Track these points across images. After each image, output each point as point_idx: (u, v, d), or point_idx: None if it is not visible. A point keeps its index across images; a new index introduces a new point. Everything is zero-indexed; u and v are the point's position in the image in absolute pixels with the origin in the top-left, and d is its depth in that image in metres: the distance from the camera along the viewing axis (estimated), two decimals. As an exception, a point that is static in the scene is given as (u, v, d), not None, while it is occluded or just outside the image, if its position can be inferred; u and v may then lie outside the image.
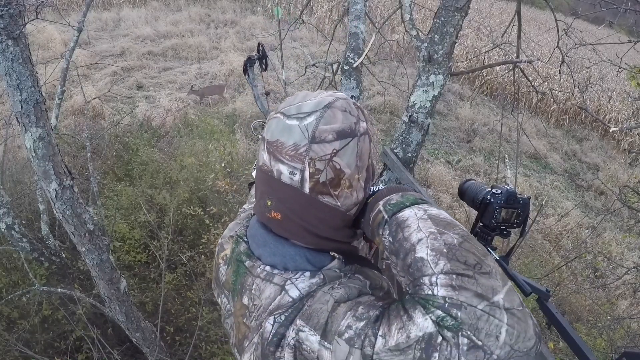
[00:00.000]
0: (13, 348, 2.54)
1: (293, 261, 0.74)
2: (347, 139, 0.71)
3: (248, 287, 0.77)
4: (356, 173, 0.72)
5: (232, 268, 0.82)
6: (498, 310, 0.52)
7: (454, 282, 0.54)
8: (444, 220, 0.64)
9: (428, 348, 0.52)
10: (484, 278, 0.55)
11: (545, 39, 11.09)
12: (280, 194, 0.73)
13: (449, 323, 0.52)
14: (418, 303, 0.56)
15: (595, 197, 7.53)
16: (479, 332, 0.51)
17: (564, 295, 4.34)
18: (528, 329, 0.53)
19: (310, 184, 0.70)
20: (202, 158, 4.42)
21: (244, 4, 12.19)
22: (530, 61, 2.37)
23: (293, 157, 0.70)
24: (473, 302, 0.52)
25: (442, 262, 0.57)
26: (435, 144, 7.79)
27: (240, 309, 0.78)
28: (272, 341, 0.68)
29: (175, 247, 3.47)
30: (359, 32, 2.36)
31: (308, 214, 0.73)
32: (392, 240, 0.65)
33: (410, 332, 0.54)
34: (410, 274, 0.60)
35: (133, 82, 8.00)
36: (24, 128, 1.79)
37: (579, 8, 3.32)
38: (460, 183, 1.06)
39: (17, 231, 2.92)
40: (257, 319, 0.73)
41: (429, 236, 0.60)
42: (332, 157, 0.70)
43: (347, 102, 0.74)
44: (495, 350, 0.51)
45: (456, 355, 0.51)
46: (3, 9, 1.62)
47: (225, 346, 2.82)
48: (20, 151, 4.50)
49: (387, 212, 0.68)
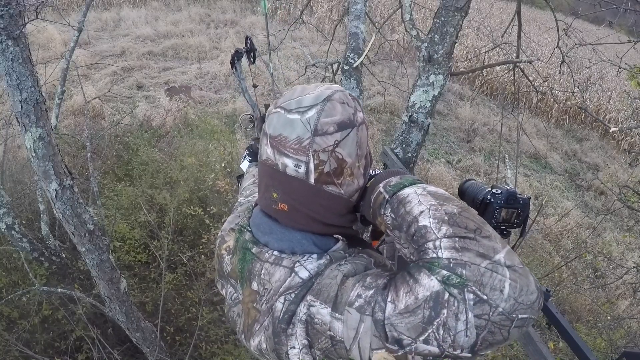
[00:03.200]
0: (13, 348, 2.54)
1: (300, 245, 0.77)
2: (347, 129, 0.73)
3: (257, 273, 0.79)
4: (357, 161, 0.76)
5: (237, 256, 0.84)
6: (500, 267, 0.55)
7: (457, 244, 0.57)
8: (442, 195, 0.67)
9: (436, 305, 0.54)
10: (485, 240, 0.57)
11: (545, 39, 11.09)
12: (286, 186, 0.75)
13: (454, 281, 0.54)
14: (423, 267, 0.58)
15: (595, 197, 7.53)
16: (483, 287, 0.53)
17: (564, 295, 4.34)
18: (530, 284, 0.55)
19: (315, 175, 0.73)
20: (202, 158, 4.41)
21: (244, 4, 12.19)
22: (530, 61, 2.37)
23: (297, 150, 0.72)
24: (476, 261, 0.55)
25: (445, 227, 0.60)
26: (435, 144, 7.79)
27: (249, 295, 0.80)
28: (283, 319, 0.70)
29: (175, 247, 3.47)
30: (359, 32, 2.36)
31: (314, 203, 0.75)
32: (394, 216, 0.68)
33: (417, 293, 0.56)
34: (414, 242, 0.62)
35: (133, 82, 8.00)
36: (24, 128, 1.79)
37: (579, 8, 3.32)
38: (461, 183, 1.06)
39: (17, 231, 2.92)
40: (268, 302, 0.75)
41: (430, 207, 0.63)
42: (335, 148, 0.72)
43: (344, 94, 0.77)
44: (500, 304, 0.53)
45: (464, 310, 0.53)
46: (3, 9, 1.62)
47: (225, 346, 2.81)
48: (20, 151, 4.50)
49: (388, 192, 0.71)
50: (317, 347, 0.68)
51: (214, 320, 2.93)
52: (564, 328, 0.88)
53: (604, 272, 5.19)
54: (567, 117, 9.69)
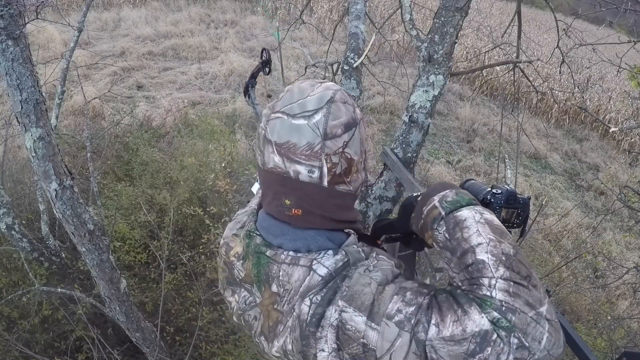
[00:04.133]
0: (13, 348, 2.54)
1: (315, 242, 0.77)
2: (352, 129, 0.75)
3: (275, 275, 0.78)
4: (361, 157, 0.79)
5: (250, 261, 0.83)
6: (542, 320, 0.60)
7: (511, 288, 0.61)
8: (498, 227, 0.69)
9: (482, 342, 0.58)
10: (534, 290, 0.62)
11: (545, 39, 11.08)
12: (300, 193, 0.76)
13: (503, 324, 0.59)
14: (474, 301, 0.61)
15: (595, 197, 7.52)
16: (527, 335, 0.58)
17: (564, 295, 4.34)
18: (560, 339, 0.61)
19: (328, 178, 0.75)
20: (202, 158, 4.41)
21: (244, 4, 12.18)
22: (530, 61, 2.37)
23: (309, 156, 0.73)
24: (525, 309, 0.60)
25: (502, 269, 0.63)
26: (435, 144, 7.79)
27: (269, 297, 0.80)
28: (312, 322, 0.70)
29: (175, 247, 3.47)
30: (359, 32, 2.36)
31: (328, 204, 0.77)
32: (449, 237, 0.69)
33: (466, 326, 0.59)
34: (468, 272, 0.65)
35: (133, 82, 7.99)
36: (24, 128, 1.79)
37: (579, 8, 3.32)
38: (460, 183, 1.06)
39: (17, 231, 2.92)
40: (289, 302, 0.75)
41: (489, 242, 0.66)
42: (344, 149, 0.74)
43: (343, 92, 0.78)
44: (536, 353, 0.58)
45: (507, 351, 0.58)
46: (3, 9, 1.62)
47: (225, 346, 2.81)
48: (20, 151, 4.50)
49: (444, 208, 0.72)
50: (347, 351, 0.69)
51: (214, 320, 2.93)
52: (564, 328, 0.88)
53: (604, 272, 5.18)
54: (567, 117, 9.68)
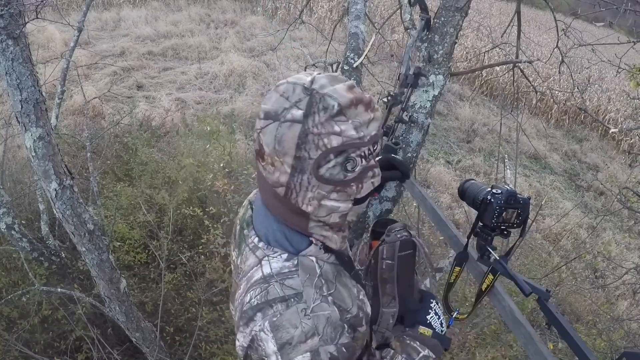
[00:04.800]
0: (13, 348, 2.54)
1: (274, 236, 0.83)
2: (268, 120, 0.75)
3: (242, 251, 0.89)
4: (275, 155, 0.74)
5: (239, 229, 0.93)
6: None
7: None
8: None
9: None
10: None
11: (545, 39, 11.08)
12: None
13: None
14: None
15: (595, 198, 7.53)
16: None
17: (564, 295, 4.34)
18: None
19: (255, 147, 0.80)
20: (201, 158, 4.41)
21: (244, 4, 12.17)
22: (530, 61, 2.37)
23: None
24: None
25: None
26: (435, 144, 7.79)
27: (235, 268, 0.92)
28: (243, 317, 0.77)
29: (175, 247, 3.47)
30: (359, 32, 2.36)
31: (258, 177, 0.84)
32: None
33: None
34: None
35: (133, 82, 7.99)
36: (24, 128, 1.79)
37: (578, 8, 3.32)
38: (461, 183, 1.06)
39: (17, 231, 2.91)
40: (240, 280, 0.85)
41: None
42: (259, 132, 0.76)
43: (295, 87, 0.75)
44: None
45: None
46: (3, 8, 1.62)
47: (225, 346, 2.81)
48: (20, 151, 4.49)
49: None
50: (251, 356, 0.76)
51: (214, 320, 2.93)
52: (564, 328, 0.88)
53: (604, 273, 5.18)
54: (566, 117, 9.69)
